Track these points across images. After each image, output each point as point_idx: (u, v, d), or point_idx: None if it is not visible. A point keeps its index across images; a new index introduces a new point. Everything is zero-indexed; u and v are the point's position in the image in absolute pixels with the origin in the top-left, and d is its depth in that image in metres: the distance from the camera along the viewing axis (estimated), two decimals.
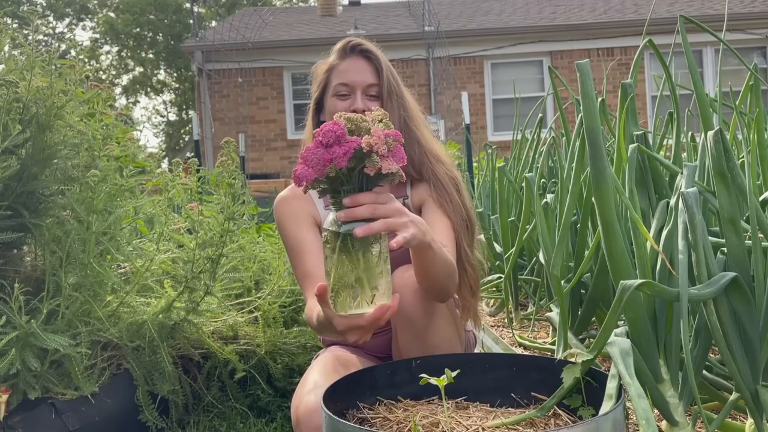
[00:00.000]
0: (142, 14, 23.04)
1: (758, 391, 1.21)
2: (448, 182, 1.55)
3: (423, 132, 1.60)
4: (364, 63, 1.55)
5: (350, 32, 11.79)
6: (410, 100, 1.61)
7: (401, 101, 1.56)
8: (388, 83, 1.54)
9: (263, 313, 2.08)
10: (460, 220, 1.54)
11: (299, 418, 1.25)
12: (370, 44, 1.58)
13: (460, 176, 1.61)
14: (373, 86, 1.54)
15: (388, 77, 1.54)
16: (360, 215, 1.02)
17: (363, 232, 1.00)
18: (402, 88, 1.59)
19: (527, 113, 3.30)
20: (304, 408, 1.24)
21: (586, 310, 1.99)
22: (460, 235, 1.53)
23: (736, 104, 1.73)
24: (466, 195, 1.60)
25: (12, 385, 1.53)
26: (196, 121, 8.42)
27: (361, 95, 1.53)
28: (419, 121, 1.60)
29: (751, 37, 11.47)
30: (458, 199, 1.55)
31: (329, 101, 1.56)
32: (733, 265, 1.26)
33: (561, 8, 12.77)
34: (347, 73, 1.54)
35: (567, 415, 1.16)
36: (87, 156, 1.76)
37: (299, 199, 1.56)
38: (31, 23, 1.64)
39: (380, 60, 1.56)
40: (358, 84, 1.53)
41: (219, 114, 11.64)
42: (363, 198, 1.03)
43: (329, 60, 1.59)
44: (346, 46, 1.58)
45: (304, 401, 1.26)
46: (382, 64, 1.55)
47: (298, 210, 1.54)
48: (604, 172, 1.29)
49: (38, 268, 1.75)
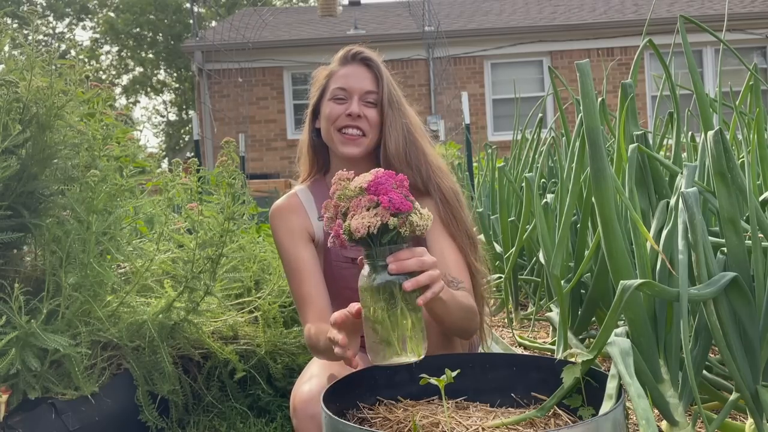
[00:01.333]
0: (142, 14, 23.03)
1: (758, 391, 1.21)
2: (452, 197, 1.54)
3: (426, 145, 1.58)
4: (364, 70, 1.55)
5: (350, 32, 11.80)
6: (412, 114, 1.60)
7: (403, 111, 1.55)
8: (389, 92, 1.53)
9: (263, 313, 2.08)
10: (466, 238, 1.52)
11: (296, 406, 1.29)
12: (373, 53, 1.58)
13: (460, 188, 1.60)
14: (371, 93, 1.53)
15: (389, 86, 1.54)
16: (410, 268, 1.10)
17: (412, 285, 1.09)
18: (403, 100, 1.58)
19: (527, 113, 3.31)
20: (300, 397, 1.29)
21: (586, 310, 1.99)
22: (468, 256, 1.51)
23: (736, 104, 1.73)
24: (467, 209, 1.58)
25: (12, 385, 1.53)
26: (196, 121, 8.42)
27: (357, 100, 1.52)
28: (422, 134, 1.59)
29: (751, 37, 11.46)
30: (461, 215, 1.54)
31: (326, 105, 1.55)
32: (733, 265, 1.26)
33: (561, 8, 12.77)
34: (346, 78, 1.54)
35: (567, 415, 1.16)
36: (87, 156, 1.76)
37: (294, 212, 1.56)
38: (31, 23, 1.64)
39: (380, 68, 1.55)
40: (356, 89, 1.52)
41: (219, 114, 11.64)
42: (405, 254, 1.11)
43: (330, 67, 1.59)
44: (348, 53, 1.58)
45: (301, 390, 1.31)
46: (382, 73, 1.54)
47: (295, 225, 1.55)
48: (604, 172, 1.29)
49: (38, 268, 1.75)
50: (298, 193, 1.60)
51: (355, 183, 1.13)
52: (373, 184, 1.11)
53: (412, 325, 1.10)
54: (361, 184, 1.12)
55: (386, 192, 1.09)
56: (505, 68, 11.87)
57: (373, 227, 1.07)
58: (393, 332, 1.09)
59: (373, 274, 1.11)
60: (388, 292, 1.10)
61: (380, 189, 1.10)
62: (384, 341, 1.09)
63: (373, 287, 1.10)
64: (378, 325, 1.10)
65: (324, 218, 1.16)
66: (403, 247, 1.12)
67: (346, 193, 1.13)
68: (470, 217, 1.59)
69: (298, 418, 1.28)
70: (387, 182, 1.11)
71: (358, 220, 1.08)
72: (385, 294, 1.10)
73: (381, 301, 1.10)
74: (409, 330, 1.10)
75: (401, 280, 1.10)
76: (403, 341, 1.09)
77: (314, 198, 1.58)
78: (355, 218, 1.09)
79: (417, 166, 1.52)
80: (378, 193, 1.10)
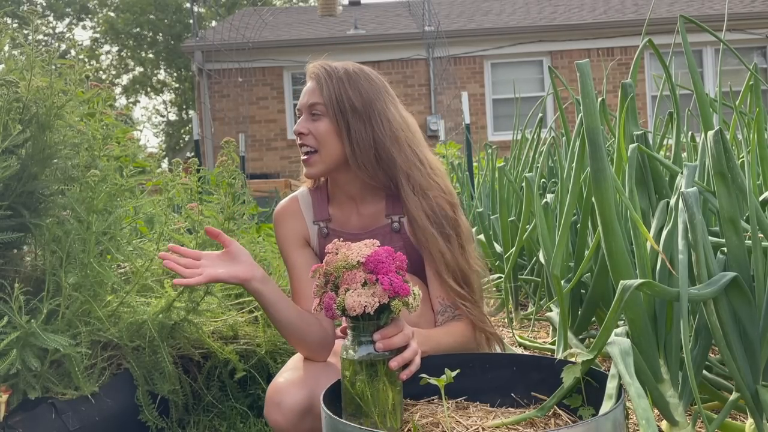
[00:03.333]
0: (142, 14, 23.03)
1: (758, 391, 1.21)
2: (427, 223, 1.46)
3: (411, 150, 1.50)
4: (311, 84, 1.51)
5: (350, 32, 11.81)
6: (397, 117, 1.51)
7: (369, 119, 1.47)
8: (338, 98, 1.46)
9: (263, 312, 2.08)
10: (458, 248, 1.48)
11: (267, 394, 1.39)
12: (319, 65, 1.51)
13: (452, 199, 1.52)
14: (316, 105, 1.48)
15: (338, 93, 1.46)
16: (396, 346, 1.11)
17: (398, 364, 1.11)
18: (375, 102, 1.49)
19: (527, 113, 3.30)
20: (272, 387, 1.38)
21: (586, 310, 1.99)
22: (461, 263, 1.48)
23: (736, 104, 1.73)
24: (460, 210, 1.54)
25: (12, 385, 1.53)
26: (196, 121, 8.42)
27: (304, 116, 1.50)
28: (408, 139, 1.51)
29: (751, 37, 11.46)
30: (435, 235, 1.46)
31: None
32: (733, 265, 1.26)
33: (561, 8, 12.77)
34: (300, 97, 1.54)
35: (567, 415, 1.16)
36: (87, 156, 1.76)
37: (292, 216, 1.60)
38: (31, 23, 1.64)
39: (321, 78, 1.48)
40: (304, 106, 1.51)
41: (219, 114, 11.64)
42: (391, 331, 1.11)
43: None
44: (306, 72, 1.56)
45: (275, 381, 1.40)
46: (322, 82, 1.48)
47: (291, 229, 1.59)
48: (604, 172, 1.29)
49: (38, 268, 1.75)
50: (299, 197, 1.62)
51: (352, 254, 1.10)
52: (372, 261, 1.08)
53: (392, 400, 1.10)
54: (359, 258, 1.09)
55: (386, 272, 1.07)
56: (505, 68, 11.87)
57: (369, 308, 1.05)
58: (374, 407, 1.09)
59: (358, 347, 1.10)
60: (372, 368, 1.10)
61: (380, 268, 1.07)
62: (363, 414, 1.09)
63: (356, 361, 1.10)
64: (357, 397, 1.09)
65: (314, 285, 1.14)
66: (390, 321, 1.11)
67: (341, 265, 1.10)
68: (465, 221, 1.55)
69: (267, 405, 1.36)
70: (387, 261, 1.08)
71: (354, 298, 1.06)
72: (369, 369, 1.09)
73: (363, 374, 1.09)
74: (390, 405, 1.10)
75: (386, 357, 1.10)
76: (383, 416, 1.09)
77: (312, 203, 1.61)
78: (350, 294, 1.06)
79: (394, 175, 1.48)
80: (377, 272, 1.07)
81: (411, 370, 1.14)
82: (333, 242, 1.16)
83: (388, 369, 1.10)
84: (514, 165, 3.29)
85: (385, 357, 1.10)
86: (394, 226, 1.53)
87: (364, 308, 1.05)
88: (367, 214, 1.56)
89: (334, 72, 1.50)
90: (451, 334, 1.43)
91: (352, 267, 1.09)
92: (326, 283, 1.11)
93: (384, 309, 1.08)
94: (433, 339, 1.37)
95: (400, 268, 1.10)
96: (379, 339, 1.10)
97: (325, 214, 1.59)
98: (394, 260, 1.10)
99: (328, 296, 1.09)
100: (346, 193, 1.57)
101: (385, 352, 1.10)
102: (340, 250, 1.13)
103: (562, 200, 2.11)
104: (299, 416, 1.32)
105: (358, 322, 1.10)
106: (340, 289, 1.09)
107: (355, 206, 1.57)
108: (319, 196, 1.61)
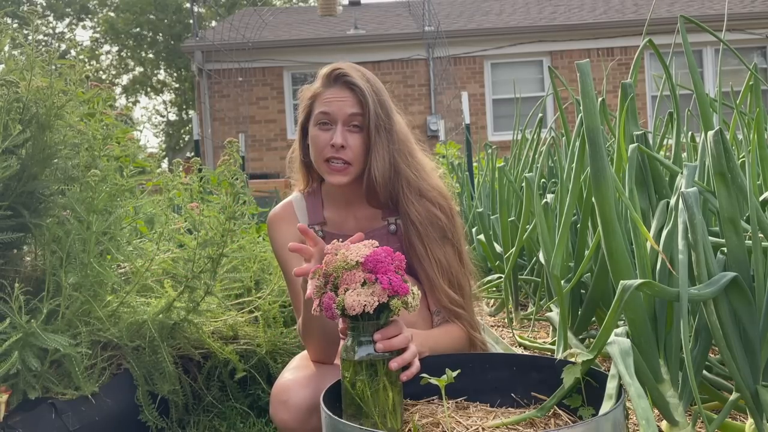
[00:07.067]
0: (142, 14, 23.03)
1: (758, 391, 1.21)
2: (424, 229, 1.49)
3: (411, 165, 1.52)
4: (348, 93, 1.47)
5: (350, 32, 11.80)
6: (401, 129, 1.53)
7: (390, 135, 1.48)
8: (375, 115, 1.46)
9: (263, 312, 2.08)
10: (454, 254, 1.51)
11: (273, 392, 1.39)
12: (356, 73, 1.49)
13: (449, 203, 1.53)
14: (356, 116, 1.46)
15: (375, 108, 1.46)
16: (397, 347, 1.11)
17: (399, 365, 1.11)
18: (393, 114, 1.51)
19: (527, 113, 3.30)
20: (278, 386, 1.39)
21: (586, 310, 1.98)
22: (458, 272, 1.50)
23: (736, 104, 1.73)
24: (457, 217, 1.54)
25: (12, 385, 1.53)
26: (196, 121, 8.41)
27: (341, 127, 1.46)
28: (410, 151, 1.53)
29: (751, 37, 11.46)
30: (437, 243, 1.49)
31: (312, 130, 1.51)
32: (733, 265, 1.26)
33: (561, 8, 12.77)
34: (329, 103, 1.47)
35: (567, 415, 1.16)
36: (87, 156, 1.76)
37: (287, 221, 1.59)
38: (31, 23, 1.64)
39: (364, 91, 1.46)
40: (340, 115, 1.46)
41: (219, 114, 11.64)
42: (391, 331, 1.12)
43: (314, 86, 1.53)
44: (331, 74, 1.50)
45: (280, 378, 1.41)
46: (366, 96, 1.45)
47: (286, 234, 1.57)
48: (604, 172, 1.29)
49: (38, 268, 1.75)
50: (294, 201, 1.62)
51: (351, 255, 1.10)
52: (371, 261, 1.08)
53: (392, 401, 1.10)
54: (358, 258, 1.09)
55: (385, 272, 1.07)
56: (505, 68, 11.87)
57: (369, 307, 1.05)
58: (374, 408, 1.09)
59: (357, 348, 1.10)
60: (372, 368, 1.10)
61: (379, 267, 1.08)
62: (363, 415, 1.09)
63: (357, 362, 1.10)
64: (358, 398, 1.09)
65: (312, 286, 1.14)
66: (389, 322, 1.12)
67: (340, 265, 1.10)
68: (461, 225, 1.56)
69: (273, 403, 1.36)
70: (386, 260, 1.09)
71: (353, 297, 1.06)
72: (369, 369, 1.10)
73: (363, 375, 1.09)
74: (390, 405, 1.10)
75: (386, 357, 1.10)
76: (383, 416, 1.09)
77: (307, 207, 1.60)
78: (349, 294, 1.06)
79: (396, 184, 1.49)
80: (376, 272, 1.08)
81: (412, 371, 1.14)
82: (332, 243, 1.16)
83: (388, 369, 1.10)
84: (514, 165, 3.29)
85: (385, 357, 1.10)
86: (391, 228, 1.54)
87: (364, 307, 1.05)
88: (363, 217, 1.56)
89: (373, 83, 1.48)
90: (449, 334, 1.44)
91: (351, 267, 1.09)
92: (326, 284, 1.11)
93: (383, 308, 1.08)
94: (432, 339, 1.38)
95: (398, 268, 1.10)
96: (379, 339, 1.10)
97: (321, 218, 1.59)
98: (393, 260, 1.10)
99: (327, 296, 1.09)
100: (344, 198, 1.57)
101: (385, 353, 1.10)
102: (339, 250, 1.13)
103: (562, 200, 2.11)
104: (306, 414, 1.32)
105: (358, 322, 1.10)
106: (339, 289, 1.09)
107: (352, 209, 1.57)
108: (313, 200, 1.61)
